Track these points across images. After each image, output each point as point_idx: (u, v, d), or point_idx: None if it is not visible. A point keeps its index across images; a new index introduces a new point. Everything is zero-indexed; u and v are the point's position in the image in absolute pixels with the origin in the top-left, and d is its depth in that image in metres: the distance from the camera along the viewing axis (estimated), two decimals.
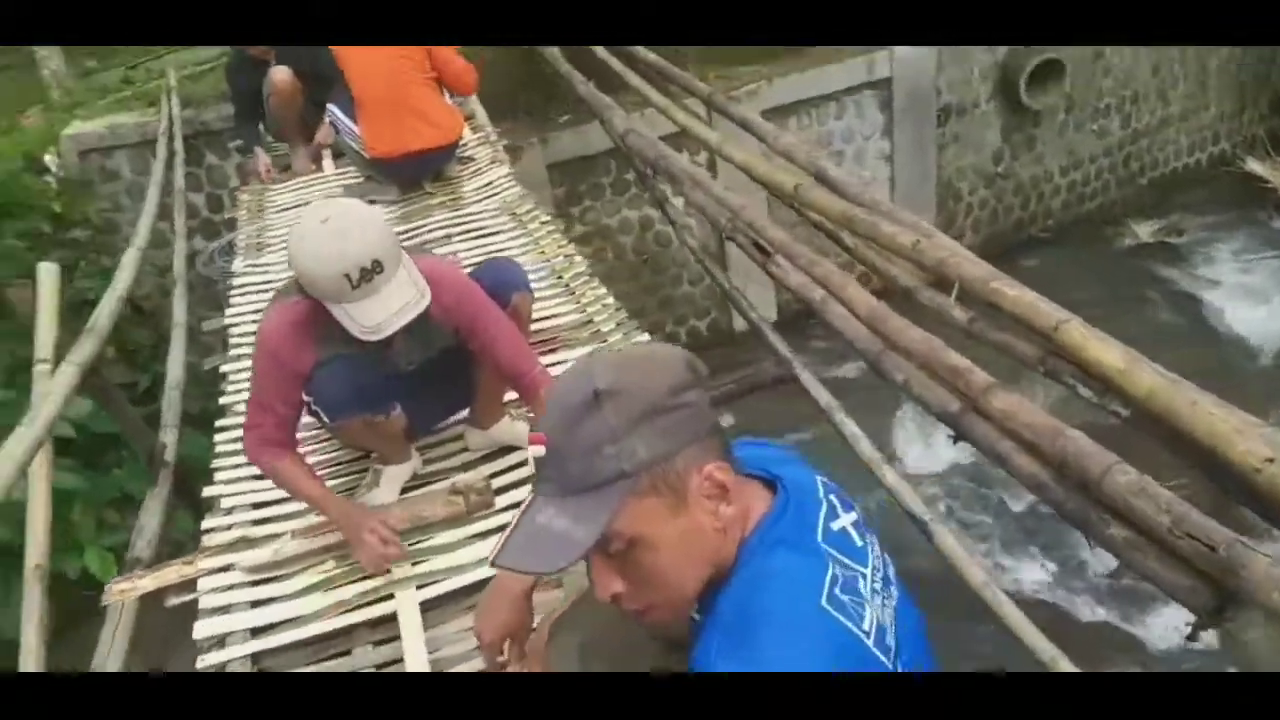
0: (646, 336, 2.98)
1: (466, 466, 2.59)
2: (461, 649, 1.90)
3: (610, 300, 3.23)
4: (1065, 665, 2.26)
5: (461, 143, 4.58)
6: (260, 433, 2.18)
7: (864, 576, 1.10)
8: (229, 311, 3.75)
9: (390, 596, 2.08)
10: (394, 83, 4.05)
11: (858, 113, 7.17)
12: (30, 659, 2.13)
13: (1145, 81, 8.46)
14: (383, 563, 2.16)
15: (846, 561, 1.10)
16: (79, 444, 4.75)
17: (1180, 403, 1.83)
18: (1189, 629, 1.83)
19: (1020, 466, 2.28)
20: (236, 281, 3.97)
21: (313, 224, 1.98)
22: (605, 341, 2.99)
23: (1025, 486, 2.31)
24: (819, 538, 1.10)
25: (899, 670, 1.08)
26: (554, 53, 6.06)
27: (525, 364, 2.33)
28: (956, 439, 2.57)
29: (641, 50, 5.89)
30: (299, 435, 2.30)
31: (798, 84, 6.87)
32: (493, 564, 1.08)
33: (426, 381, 2.37)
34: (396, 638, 1.97)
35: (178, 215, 5.08)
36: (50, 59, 7.34)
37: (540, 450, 1.08)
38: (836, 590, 1.05)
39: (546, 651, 1.38)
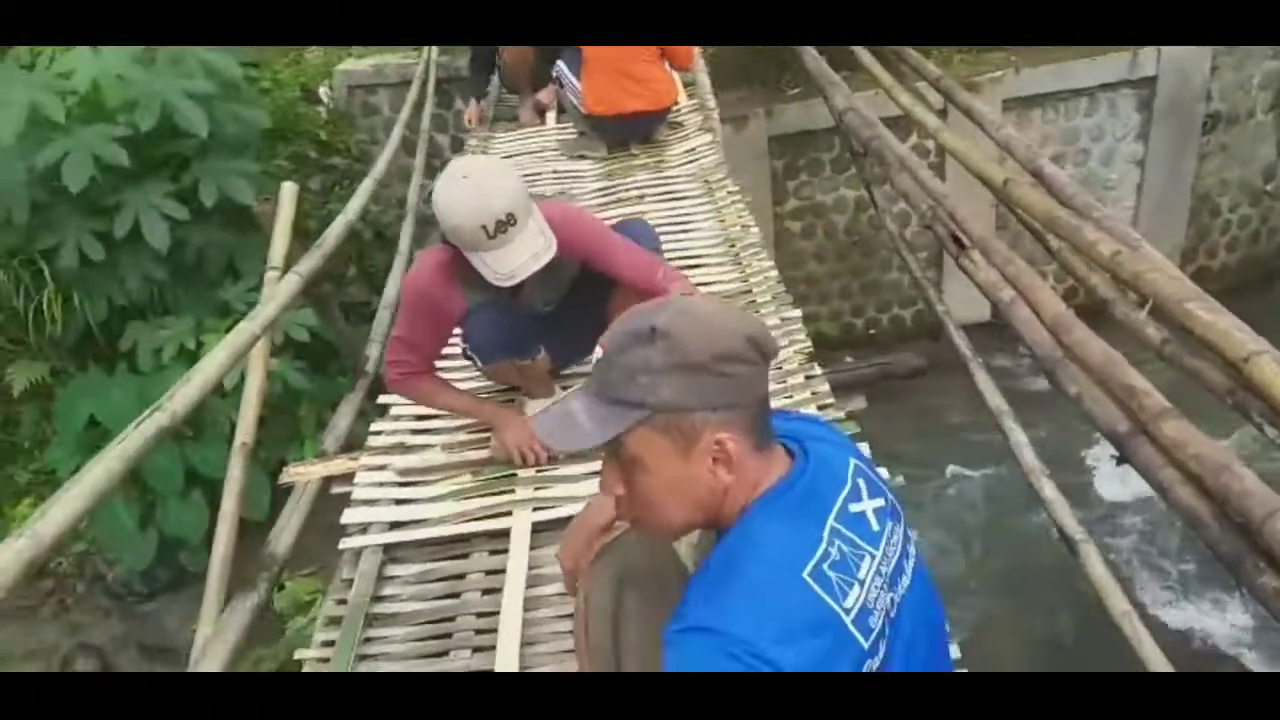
0: (798, 313, 2.99)
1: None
2: (556, 569, 2.06)
3: (773, 274, 3.26)
4: None
5: (675, 108, 4.73)
6: (405, 367, 2.43)
7: (869, 558, 1.14)
8: None
9: (509, 514, 2.27)
10: (622, 49, 4.25)
11: (1111, 111, 6.67)
12: (226, 524, 2.47)
13: None
14: (524, 446, 2.35)
15: (854, 541, 1.15)
16: (312, 349, 5.36)
17: None
18: None
19: (1180, 498, 2.15)
20: None
21: (455, 179, 2.17)
22: (758, 312, 3.03)
23: (1183, 520, 2.17)
24: (830, 515, 1.16)
25: (881, 653, 1.12)
26: None
27: (648, 275, 2.44)
28: (1120, 460, 2.44)
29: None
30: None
31: (1047, 75, 6.48)
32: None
33: (565, 321, 2.54)
34: (507, 550, 2.15)
35: (419, 152, 5.51)
36: None
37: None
38: (825, 566, 1.10)
39: (588, 574, 1.49)
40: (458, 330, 2.52)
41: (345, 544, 2.34)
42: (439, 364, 2.61)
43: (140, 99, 5.01)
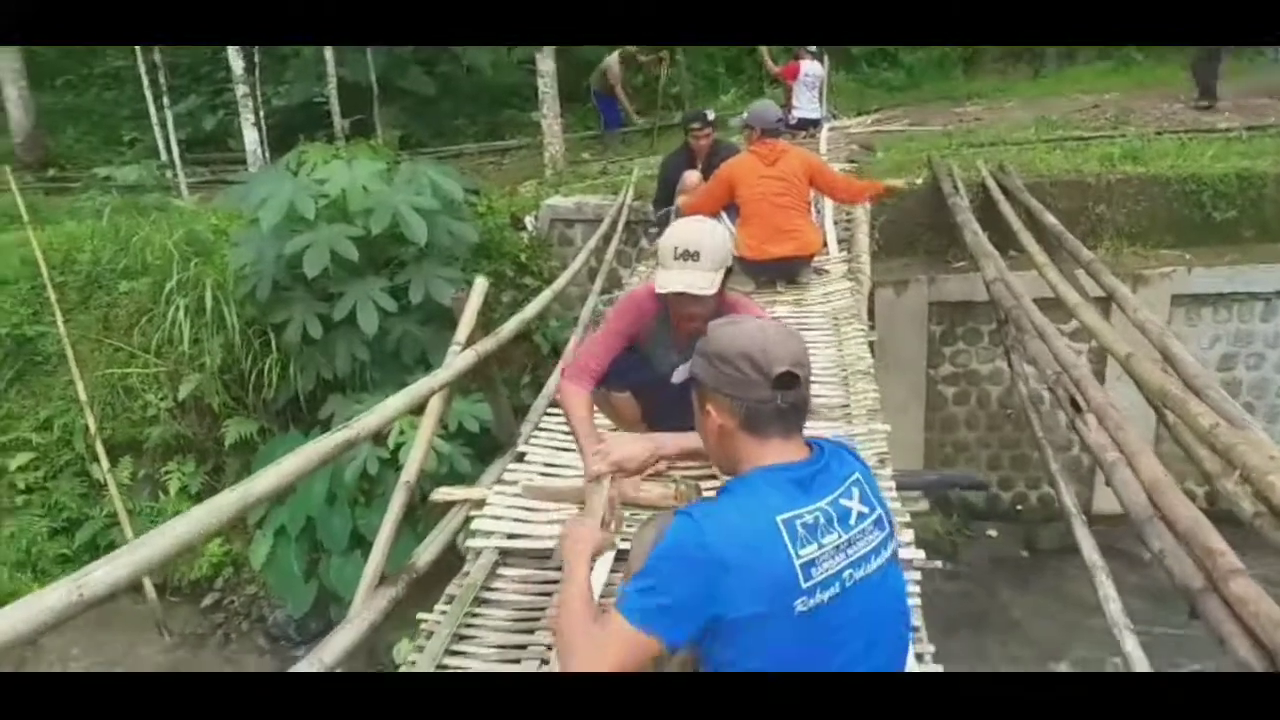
0: (887, 427, 3.28)
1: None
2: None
3: (874, 394, 3.56)
4: None
5: (823, 256, 5.21)
6: (577, 371, 2.90)
7: (837, 535, 1.52)
8: None
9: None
10: (775, 204, 4.82)
11: None
12: (380, 546, 2.92)
13: None
14: (599, 471, 2.70)
15: (831, 520, 1.54)
16: (481, 441, 5.92)
17: None
18: None
19: (1235, 649, 2.24)
20: None
21: (687, 219, 3.02)
22: (850, 422, 3.32)
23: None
24: (822, 499, 1.55)
25: (816, 598, 1.49)
26: (960, 202, 6.41)
27: None
28: (1191, 614, 2.53)
29: (1049, 217, 6.05)
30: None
31: (1221, 276, 6.48)
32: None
33: (671, 395, 2.91)
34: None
35: (599, 278, 6.14)
36: (553, 143, 9.12)
37: None
38: (797, 523, 1.50)
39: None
40: None
41: (470, 543, 2.82)
42: None
43: (376, 207, 5.91)
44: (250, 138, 9.33)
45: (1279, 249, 6.67)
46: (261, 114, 9.65)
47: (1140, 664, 2.77)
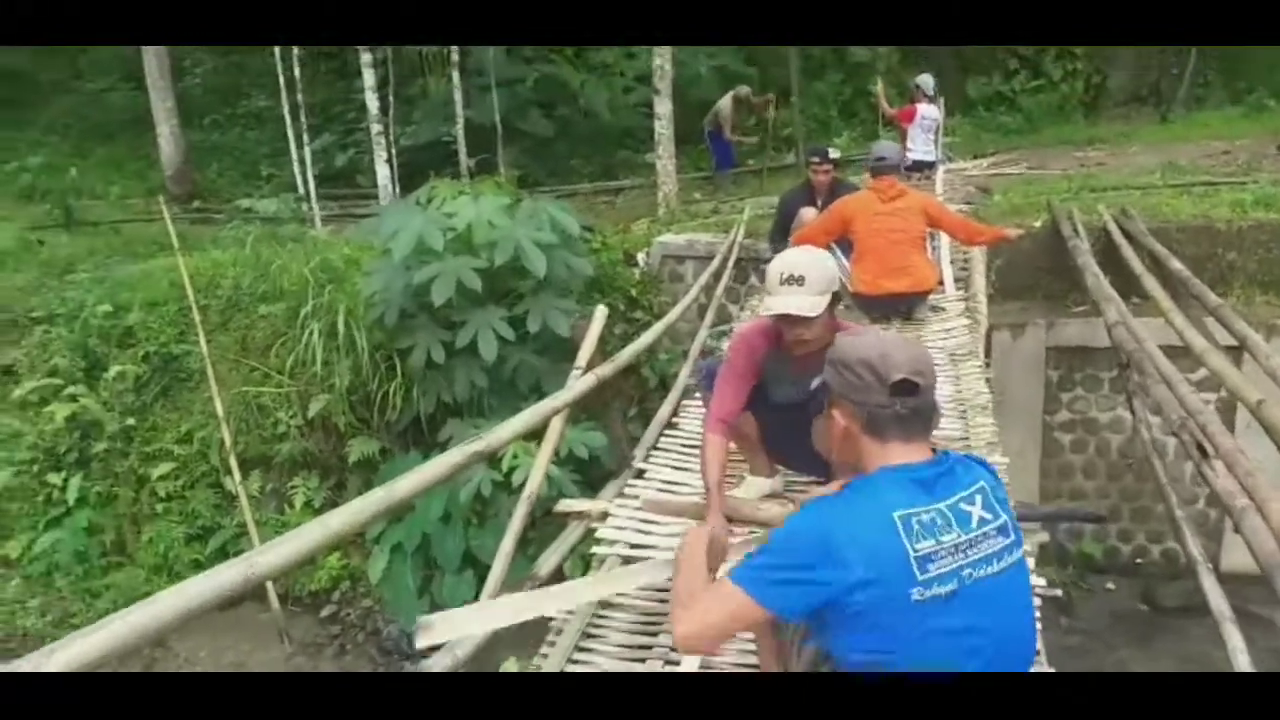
0: (1005, 460, 3.28)
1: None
2: None
3: (992, 429, 3.54)
4: None
5: (939, 292, 5.20)
6: (715, 419, 3.03)
7: (956, 534, 1.60)
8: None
9: None
10: (891, 240, 4.85)
11: None
12: (503, 556, 3.07)
13: None
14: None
15: (950, 521, 1.60)
16: (591, 469, 6.08)
17: None
18: None
19: None
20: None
21: (793, 249, 3.17)
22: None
23: None
24: (942, 500, 1.63)
25: (933, 590, 1.57)
26: (1080, 245, 6.30)
27: None
28: None
29: (1175, 262, 5.91)
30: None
31: None
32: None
33: (789, 421, 3.02)
34: None
35: (709, 314, 6.26)
36: (666, 183, 9.34)
37: None
38: (914, 520, 1.59)
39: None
40: None
41: (596, 550, 2.99)
42: None
43: (500, 240, 6.18)
44: (382, 174, 9.83)
45: None
46: (394, 151, 10.17)
47: None
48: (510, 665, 5.23)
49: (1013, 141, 12.16)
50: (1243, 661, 3.09)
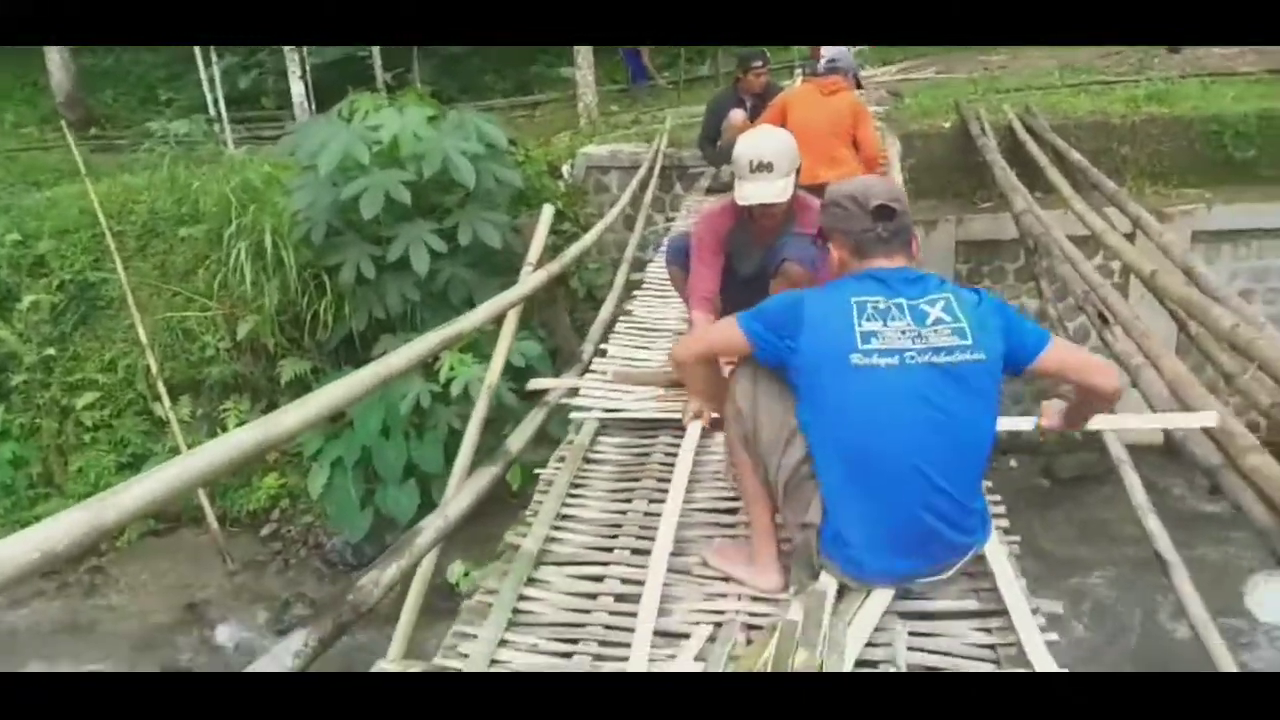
0: None
1: None
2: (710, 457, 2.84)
3: None
4: None
5: None
6: (698, 298, 3.24)
7: (904, 322, 1.95)
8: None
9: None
10: (823, 131, 4.98)
11: None
12: (469, 442, 3.23)
13: None
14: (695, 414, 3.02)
15: (902, 310, 1.97)
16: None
17: None
18: None
19: (1253, 514, 2.52)
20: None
21: (757, 130, 3.40)
22: None
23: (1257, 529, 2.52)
24: (902, 296, 1.99)
25: (872, 360, 1.95)
26: (988, 143, 6.61)
27: None
28: (1212, 490, 2.79)
29: (1075, 155, 6.26)
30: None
31: (1239, 213, 6.68)
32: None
33: (756, 290, 3.21)
34: (682, 437, 2.83)
35: (637, 227, 6.41)
36: (586, 94, 9.34)
37: None
38: (868, 305, 1.97)
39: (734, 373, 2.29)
40: None
41: (574, 415, 3.17)
42: None
43: (427, 152, 6.15)
44: (297, 91, 9.59)
45: None
46: (307, 68, 9.88)
47: (1162, 538, 3.02)
48: (457, 568, 5.43)
49: (920, 50, 12.41)
50: (1153, 524, 3.42)
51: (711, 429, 2.78)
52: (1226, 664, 2.57)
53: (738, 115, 6.08)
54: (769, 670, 1.73)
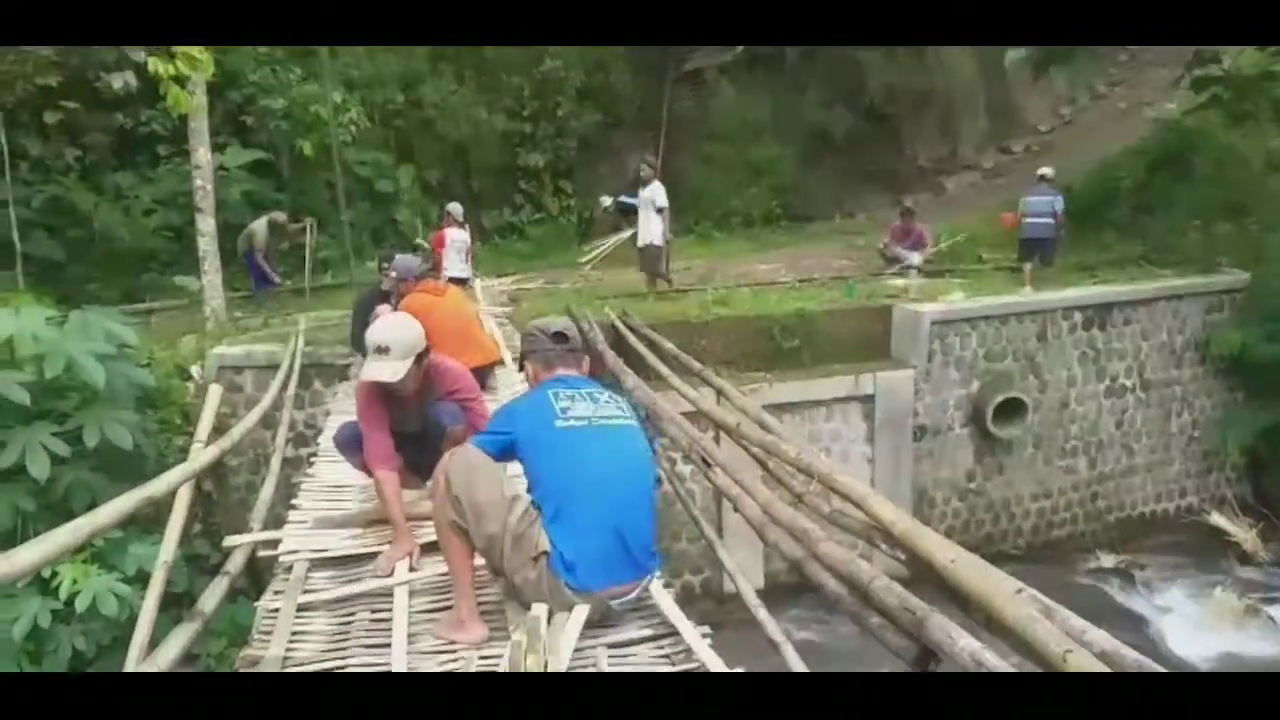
0: None
1: None
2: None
3: None
4: None
5: (502, 368, 6.30)
6: (377, 456, 3.59)
7: (588, 403, 2.82)
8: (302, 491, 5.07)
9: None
10: (457, 325, 5.73)
11: (844, 419, 8.58)
12: (147, 618, 3.24)
13: (1109, 432, 9.77)
14: (395, 561, 3.37)
15: (585, 397, 2.82)
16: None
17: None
18: None
19: (828, 588, 3.36)
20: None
21: (384, 319, 3.92)
22: None
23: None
24: (579, 389, 2.94)
25: (571, 423, 2.77)
26: (597, 335, 7.74)
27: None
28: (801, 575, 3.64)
29: (668, 344, 7.55)
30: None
31: (793, 389, 8.37)
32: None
33: (415, 444, 3.70)
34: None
35: (284, 418, 6.56)
36: (214, 298, 9.36)
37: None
38: (561, 392, 2.95)
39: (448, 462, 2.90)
40: None
41: (284, 559, 3.40)
42: None
43: (48, 354, 5.90)
44: None
45: (831, 368, 8.74)
46: None
47: (772, 629, 3.81)
48: None
49: (529, 265, 13.95)
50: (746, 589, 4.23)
51: (423, 554, 3.32)
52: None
53: (384, 308, 6.60)
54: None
